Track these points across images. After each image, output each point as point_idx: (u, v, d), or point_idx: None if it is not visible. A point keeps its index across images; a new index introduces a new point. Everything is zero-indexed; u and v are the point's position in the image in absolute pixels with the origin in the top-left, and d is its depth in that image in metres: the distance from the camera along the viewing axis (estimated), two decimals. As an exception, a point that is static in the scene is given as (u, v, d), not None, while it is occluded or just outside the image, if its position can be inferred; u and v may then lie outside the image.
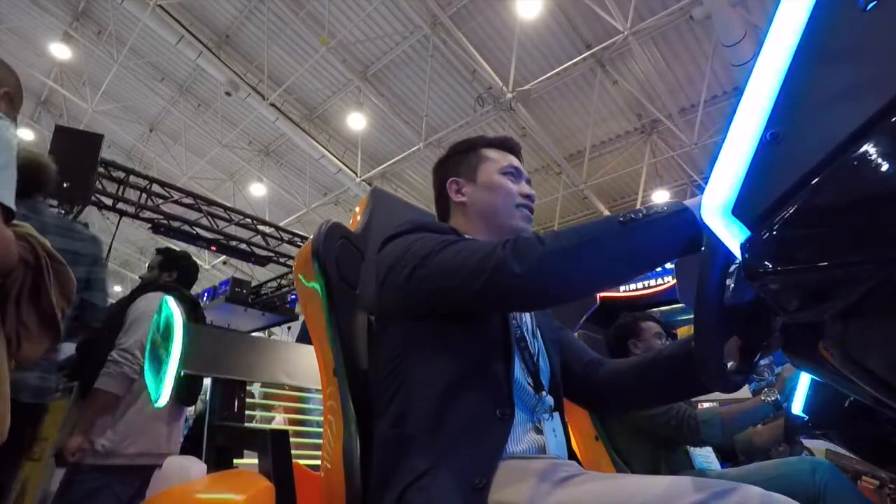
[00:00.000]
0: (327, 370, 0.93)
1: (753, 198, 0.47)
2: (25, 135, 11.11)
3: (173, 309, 1.40)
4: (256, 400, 3.40)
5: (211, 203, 7.70)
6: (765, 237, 0.45)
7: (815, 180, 0.42)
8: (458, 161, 1.11)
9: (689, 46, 6.75)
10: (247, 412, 1.26)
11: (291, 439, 0.99)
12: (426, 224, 0.92)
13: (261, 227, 8.08)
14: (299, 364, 1.41)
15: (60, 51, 8.89)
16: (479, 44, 7.24)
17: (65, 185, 5.32)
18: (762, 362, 3.41)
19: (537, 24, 6.84)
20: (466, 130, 8.44)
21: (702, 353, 0.59)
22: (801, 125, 0.46)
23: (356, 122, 8.87)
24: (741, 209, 0.48)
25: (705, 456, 1.84)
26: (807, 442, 2.03)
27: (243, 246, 7.75)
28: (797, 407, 0.89)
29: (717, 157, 0.52)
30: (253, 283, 9.25)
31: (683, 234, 0.66)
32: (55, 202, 6.26)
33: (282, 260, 8.27)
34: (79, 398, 2.04)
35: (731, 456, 1.94)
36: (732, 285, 0.62)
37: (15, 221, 1.14)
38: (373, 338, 0.96)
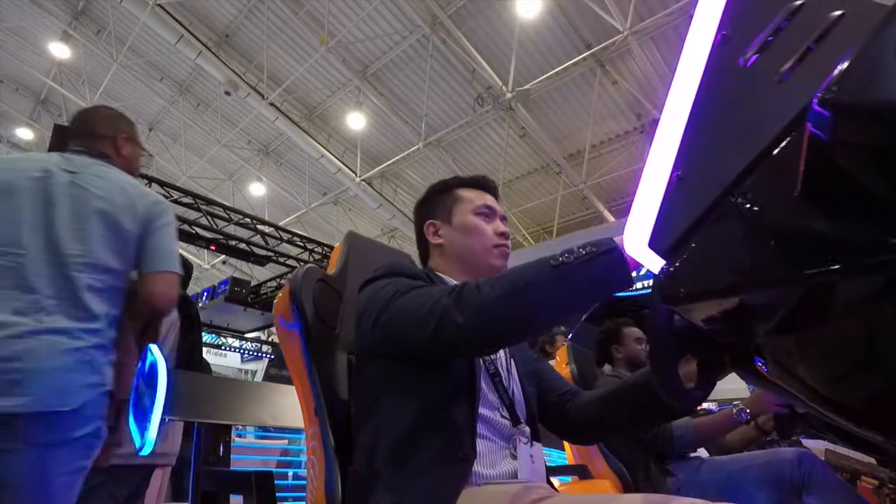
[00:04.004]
0: (309, 410, 0.95)
1: (664, 232, 0.53)
2: (24, 134, 11.11)
3: (158, 356, 1.42)
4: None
5: (210, 202, 7.70)
6: (676, 266, 0.51)
7: (713, 215, 0.48)
8: (433, 203, 1.12)
9: (689, 46, 6.74)
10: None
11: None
12: (400, 268, 0.94)
13: (260, 227, 8.07)
14: (284, 405, 1.43)
15: (60, 50, 8.89)
16: (479, 43, 7.24)
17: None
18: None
19: (537, 24, 6.84)
20: (466, 130, 8.44)
21: (658, 373, 0.65)
22: (699, 167, 0.52)
23: (356, 121, 8.87)
24: (655, 242, 0.54)
25: None
26: (806, 442, 2.04)
27: (242, 245, 7.74)
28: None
29: (635, 195, 0.58)
30: (252, 283, 9.25)
31: (612, 275, 0.69)
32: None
33: (281, 259, 8.27)
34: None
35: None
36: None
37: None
38: (353, 376, 1.00)
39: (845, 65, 0.36)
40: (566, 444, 1.81)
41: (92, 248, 1.30)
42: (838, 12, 0.42)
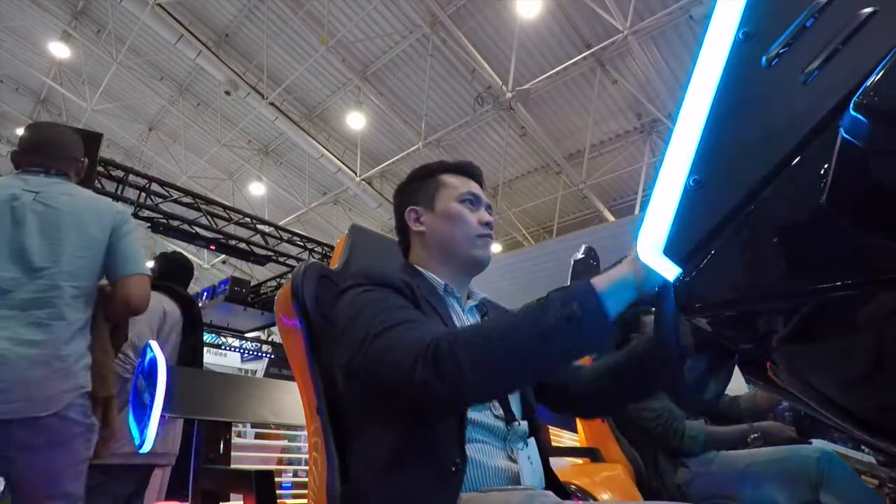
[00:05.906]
0: (311, 407, 0.94)
1: (681, 238, 0.51)
2: (24, 134, 11.09)
3: (157, 353, 1.44)
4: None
5: (210, 202, 7.68)
6: (693, 275, 0.49)
7: (732, 223, 0.46)
8: (415, 188, 1.06)
9: (689, 46, 6.74)
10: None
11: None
12: (378, 278, 0.87)
13: (260, 227, 8.06)
14: (285, 401, 1.42)
15: (59, 50, 8.88)
16: (479, 43, 7.24)
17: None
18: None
19: (537, 23, 6.83)
20: (466, 130, 8.44)
21: (666, 376, 0.64)
22: (718, 172, 0.50)
23: (355, 121, 8.86)
24: (671, 249, 0.52)
25: None
26: (813, 441, 2.05)
27: (242, 245, 7.73)
28: None
29: (649, 199, 0.56)
30: (252, 283, 9.23)
31: (596, 339, 0.68)
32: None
33: (281, 259, 8.26)
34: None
35: (723, 419, 1.99)
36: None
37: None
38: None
39: (885, 67, 0.33)
40: (579, 425, 1.80)
41: (63, 258, 1.37)
42: (870, 9, 0.40)
